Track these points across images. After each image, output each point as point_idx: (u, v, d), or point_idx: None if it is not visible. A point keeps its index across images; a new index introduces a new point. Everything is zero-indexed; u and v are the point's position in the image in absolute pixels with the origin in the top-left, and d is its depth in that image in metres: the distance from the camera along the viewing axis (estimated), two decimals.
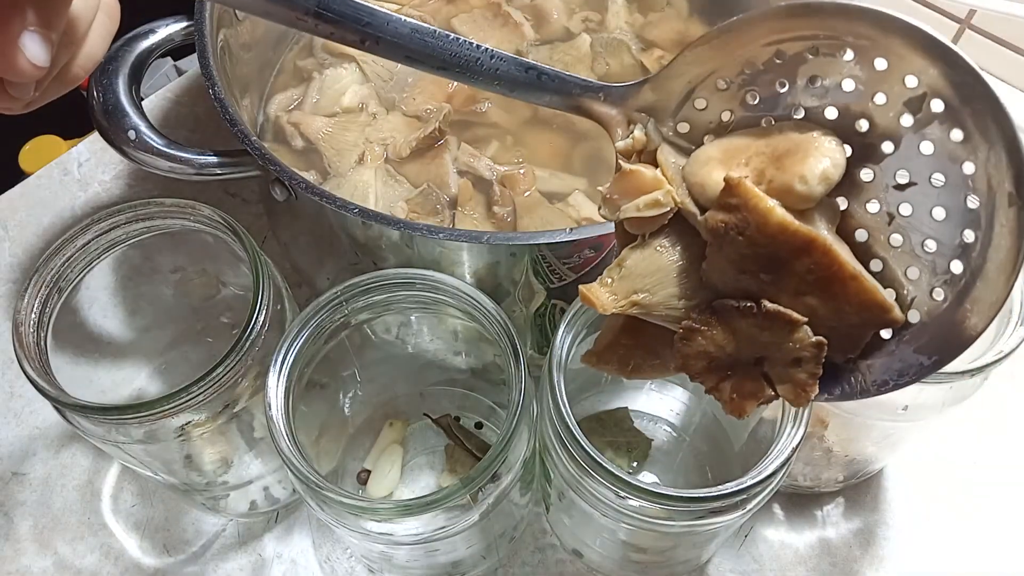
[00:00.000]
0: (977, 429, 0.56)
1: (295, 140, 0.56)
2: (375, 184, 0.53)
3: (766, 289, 0.29)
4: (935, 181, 0.28)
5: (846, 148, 0.29)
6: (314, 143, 0.56)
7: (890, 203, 0.29)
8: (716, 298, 0.30)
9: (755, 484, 0.36)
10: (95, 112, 0.47)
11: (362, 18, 0.31)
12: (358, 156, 0.55)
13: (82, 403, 0.39)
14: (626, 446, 0.52)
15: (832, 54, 0.28)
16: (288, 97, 0.59)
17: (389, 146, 0.55)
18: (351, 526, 0.39)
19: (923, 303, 0.29)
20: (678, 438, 0.53)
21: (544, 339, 0.50)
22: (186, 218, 0.45)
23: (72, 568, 0.52)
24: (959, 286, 0.28)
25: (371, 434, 0.54)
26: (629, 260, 0.32)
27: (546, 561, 0.51)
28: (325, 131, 0.56)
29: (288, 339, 0.41)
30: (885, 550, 0.52)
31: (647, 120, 0.32)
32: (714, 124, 0.31)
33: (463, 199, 0.52)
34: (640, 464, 0.52)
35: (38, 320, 0.42)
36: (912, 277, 0.29)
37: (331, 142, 0.55)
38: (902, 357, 0.29)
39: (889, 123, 0.28)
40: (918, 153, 0.28)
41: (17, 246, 0.65)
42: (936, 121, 0.27)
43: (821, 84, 0.29)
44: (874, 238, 0.29)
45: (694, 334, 0.31)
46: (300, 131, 0.56)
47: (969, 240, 0.27)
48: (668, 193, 0.31)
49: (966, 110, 0.26)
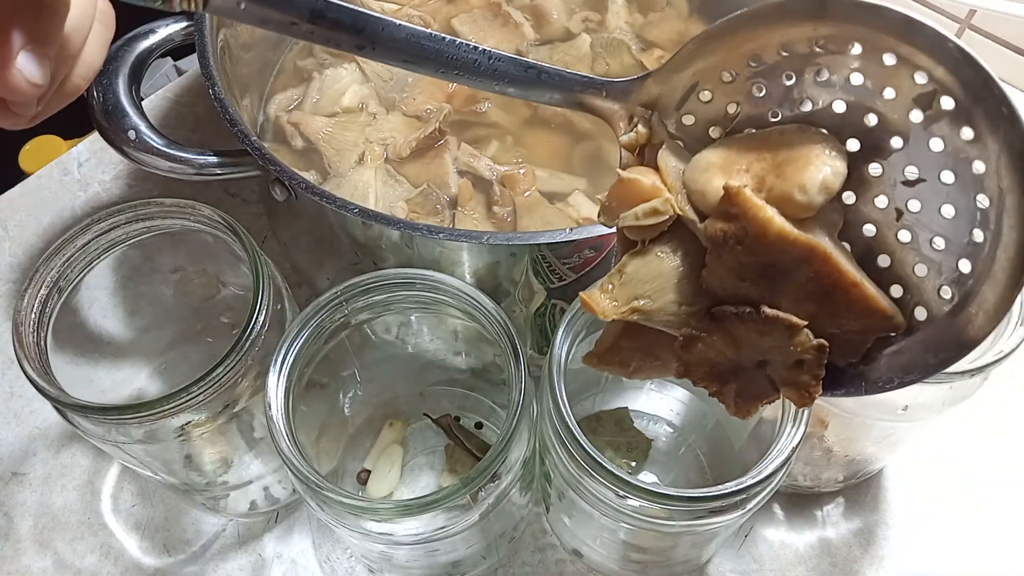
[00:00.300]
0: (977, 429, 0.56)
1: (295, 140, 0.56)
2: (375, 184, 0.53)
3: (766, 296, 0.29)
4: (944, 178, 0.27)
5: (854, 143, 0.29)
6: (314, 143, 0.56)
7: (899, 199, 0.29)
8: (716, 304, 0.30)
9: (755, 484, 0.36)
10: (95, 112, 0.47)
11: (358, 24, 0.31)
12: (358, 156, 0.55)
13: (82, 403, 0.39)
14: (626, 446, 0.52)
15: (840, 49, 0.28)
16: (288, 97, 0.59)
17: (389, 146, 0.55)
18: (351, 526, 0.39)
19: (930, 301, 0.28)
20: (678, 438, 0.53)
21: (544, 339, 0.50)
22: (186, 218, 0.45)
23: (72, 568, 0.52)
24: (967, 286, 0.27)
25: (371, 434, 0.54)
26: (629, 267, 0.32)
27: (546, 561, 0.51)
28: (325, 131, 0.56)
29: (288, 339, 0.41)
30: (885, 550, 0.52)
31: (650, 114, 0.32)
32: (720, 117, 0.31)
33: (463, 199, 0.52)
34: (640, 464, 0.52)
35: (38, 320, 0.42)
36: (920, 275, 0.29)
37: (331, 142, 0.55)
38: (908, 355, 0.29)
39: (898, 118, 0.28)
40: (927, 150, 0.27)
41: (17, 246, 0.65)
42: (946, 119, 0.27)
43: (829, 78, 0.29)
44: (882, 234, 0.29)
45: (695, 341, 0.30)
46: (300, 131, 0.56)
47: (978, 240, 0.27)
48: (667, 201, 0.31)
49: (977, 110, 0.26)
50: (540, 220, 0.52)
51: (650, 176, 0.31)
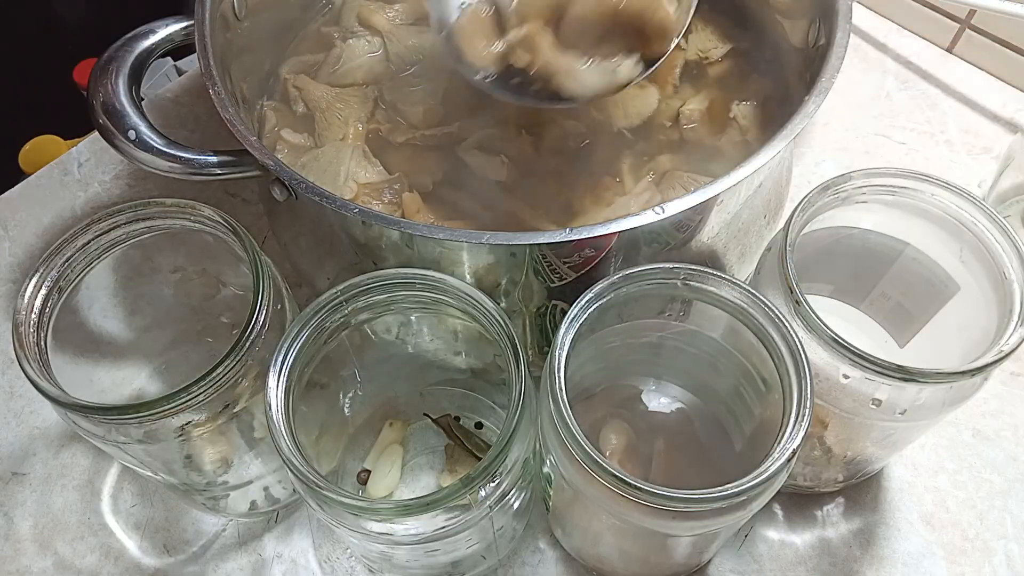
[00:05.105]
0: (977, 429, 0.56)
1: (297, 104, 0.56)
2: (348, 163, 0.53)
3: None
4: None
5: None
6: (311, 111, 0.56)
7: None
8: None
9: (756, 484, 0.36)
10: (95, 112, 0.46)
11: None
12: (345, 132, 0.55)
13: (82, 403, 0.39)
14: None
15: None
16: (303, 61, 0.59)
17: (388, 126, 0.55)
18: (351, 526, 0.39)
19: None
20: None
21: (544, 339, 0.50)
22: (186, 218, 0.45)
23: (72, 568, 0.52)
24: None
25: (371, 434, 0.54)
26: None
27: (546, 561, 0.51)
28: (324, 100, 0.56)
29: (288, 339, 0.41)
30: (885, 550, 0.52)
31: None
32: None
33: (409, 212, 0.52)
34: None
35: (38, 320, 0.42)
36: None
37: (326, 112, 0.56)
38: None
39: None
40: None
41: (17, 246, 0.65)
42: None
43: None
44: None
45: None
46: (302, 96, 0.56)
47: None
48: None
49: None
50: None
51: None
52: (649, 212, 0.41)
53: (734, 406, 0.47)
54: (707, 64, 0.60)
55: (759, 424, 0.45)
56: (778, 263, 0.42)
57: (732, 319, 0.42)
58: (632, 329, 0.46)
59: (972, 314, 0.45)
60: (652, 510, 0.37)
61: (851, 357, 0.39)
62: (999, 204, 0.62)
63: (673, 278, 0.41)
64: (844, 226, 0.48)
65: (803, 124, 0.44)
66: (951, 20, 0.73)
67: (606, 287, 0.40)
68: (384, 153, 0.55)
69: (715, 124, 0.57)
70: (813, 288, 0.53)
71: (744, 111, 0.56)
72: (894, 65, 0.74)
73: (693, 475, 0.48)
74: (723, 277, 0.41)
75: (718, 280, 0.41)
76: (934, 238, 0.46)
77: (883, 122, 0.71)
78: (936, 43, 0.75)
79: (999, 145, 0.69)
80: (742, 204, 0.49)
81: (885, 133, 0.70)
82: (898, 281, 0.51)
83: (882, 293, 0.52)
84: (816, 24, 0.51)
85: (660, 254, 0.47)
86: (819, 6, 0.50)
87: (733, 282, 0.41)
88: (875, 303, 0.53)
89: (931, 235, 0.46)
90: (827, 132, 0.70)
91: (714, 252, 0.50)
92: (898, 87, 0.73)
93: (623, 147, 0.56)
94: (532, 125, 0.56)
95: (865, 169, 0.45)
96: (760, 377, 0.43)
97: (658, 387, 0.53)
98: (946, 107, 0.72)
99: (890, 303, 0.52)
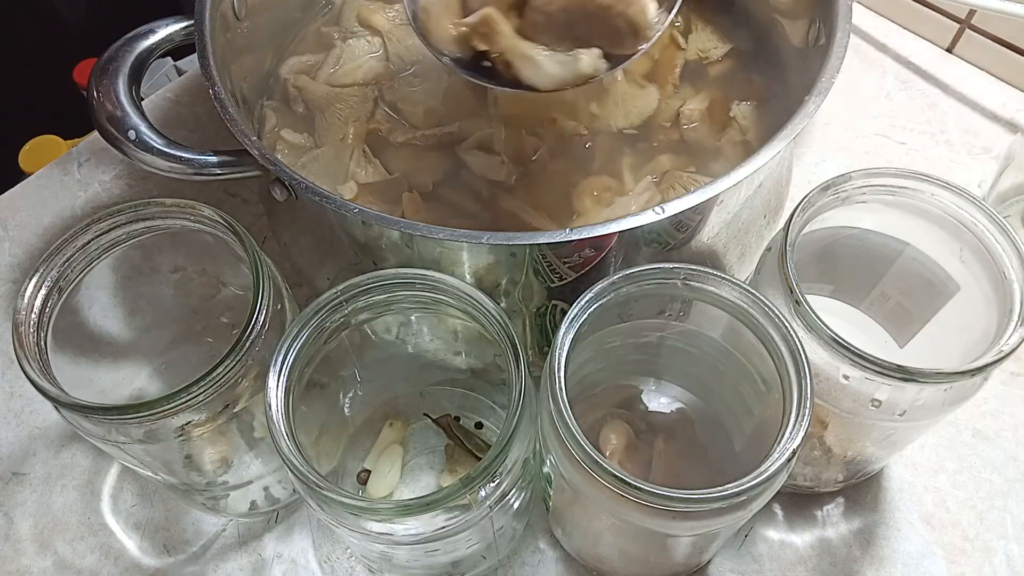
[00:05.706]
0: (977, 429, 0.56)
1: (297, 104, 0.56)
2: (348, 163, 0.53)
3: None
4: None
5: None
6: (311, 111, 0.56)
7: None
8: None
9: (756, 485, 0.36)
10: (95, 112, 0.46)
11: None
12: (345, 132, 0.55)
13: (82, 403, 0.39)
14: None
15: None
16: (303, 61, 0.59)
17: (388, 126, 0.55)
18: (351, 526, 0.39)
19: None
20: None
21: (544, 339, 0.50)
22: (186, 218, 0.45)
23: (72, 568, 0.52)
24: None
25: (371, 434, 0.54)
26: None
27: (546, 561, 0.51)
28: (324, 100, 0.56)
29: (288, 339, 0.41)
30: (885, 550, 0.52)
31: None
32: None
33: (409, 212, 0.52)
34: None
35: (38, 320, 0.42)
36: None
37: (326, 112, 0.56)
38: None
39: None
40: None
41: (17, 246, 0.65)
42: None
43: None
44: None
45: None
46: (302, 96, 0.56)
47: None
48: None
49: None
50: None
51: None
52: (649, 212, 0.41)
53: (734, 406, 0.47)
54: (707, 64, 0.60)
55: (759, 424, 0.45)
56: (778, 263, 0.42)
57: (732, 319, 0.42)
58: (632, 329, 0.46)
59: (972, 314, 0.45)
60: (652, 510, 0.37)
61: (851, 357, 0.39)
62: (999, 204, 0.62)
63: (673, 278, 0.41)
64: (844, 226, 0.48)
65: (803, 124, 0.44)
66: (951, 20, 0.73)
67: (606, 287, 0.40)
68: (384, 153, 0.55)
69: (715, 124, 0.57)
70: (813, 288, 0.53)
71: (744, 111, 0.56)
72: (894, 65, 0.74)
73: (693, 475, 0.48)
74: (723, 277, 0.41)
75: (718, 280, 0.41)
76: (934, 238, 0.46)
77: (883, 122, 0.71)
78: (936, 43, 0.75)
79: (999, 145, 0.69)
80: (742, 204, 0.49)
81: (885, 133, 0.70)
82: (898, 281, 0.51)
83: (882, 293, 0.52)
84: (816, 24, 0.51)
85: (660, 254, 0.47)
86: (819, 6, 0.50)
87: (733, 282, 0.41)
88: (875, 303, 0.53)
89: (931, 235, 0.46)
90: (827, 132, 0.70)
91: (714, 252, 0.50)
92: (898, 87, 0.73)
93: (623, 147, 0.56)
94: (532, 125, 0.56)
95: (865, 169, 0.45)
96: (760, 377, 0.43)
97: (658, 387, 0.53)
98: (946, 107, 0.72)
99: (890, 303, 0.52)
